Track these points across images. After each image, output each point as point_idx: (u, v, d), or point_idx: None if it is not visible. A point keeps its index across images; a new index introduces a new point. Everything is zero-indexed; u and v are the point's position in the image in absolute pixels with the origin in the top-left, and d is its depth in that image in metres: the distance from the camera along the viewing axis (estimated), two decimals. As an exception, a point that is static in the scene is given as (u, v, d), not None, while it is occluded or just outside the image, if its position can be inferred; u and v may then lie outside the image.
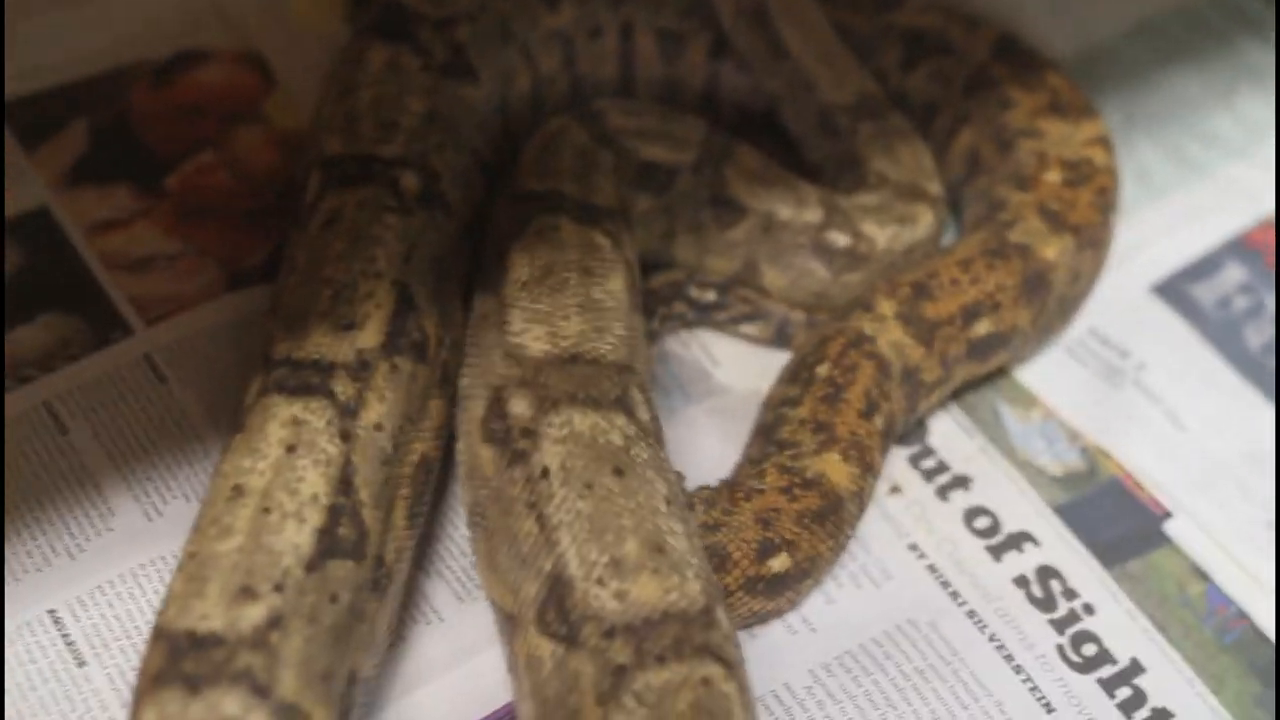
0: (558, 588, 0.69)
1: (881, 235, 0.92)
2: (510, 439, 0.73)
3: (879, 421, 0.85)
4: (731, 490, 0.81)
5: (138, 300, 0.90)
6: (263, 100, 1.02)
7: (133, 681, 0.64)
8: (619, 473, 0.71)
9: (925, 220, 0.94)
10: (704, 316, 0.94)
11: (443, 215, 0.83)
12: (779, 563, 0.79)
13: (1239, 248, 1.06)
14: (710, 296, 0.93)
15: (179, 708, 0.61)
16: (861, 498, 0.83)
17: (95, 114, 0.99)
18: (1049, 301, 0.92)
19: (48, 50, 1.01)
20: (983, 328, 0.89)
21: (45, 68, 1.00)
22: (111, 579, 0.79)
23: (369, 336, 0.74)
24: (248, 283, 0.90)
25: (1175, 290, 1.03)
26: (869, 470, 0.83)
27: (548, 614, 0.69)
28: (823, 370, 0.86)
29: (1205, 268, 1.05)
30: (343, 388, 0.72)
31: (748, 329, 0.94)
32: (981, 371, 0.92)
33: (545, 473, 0.71)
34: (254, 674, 0.62)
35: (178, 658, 0.62)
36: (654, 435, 0.75)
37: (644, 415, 0.75)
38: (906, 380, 0.87)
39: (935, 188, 0.96)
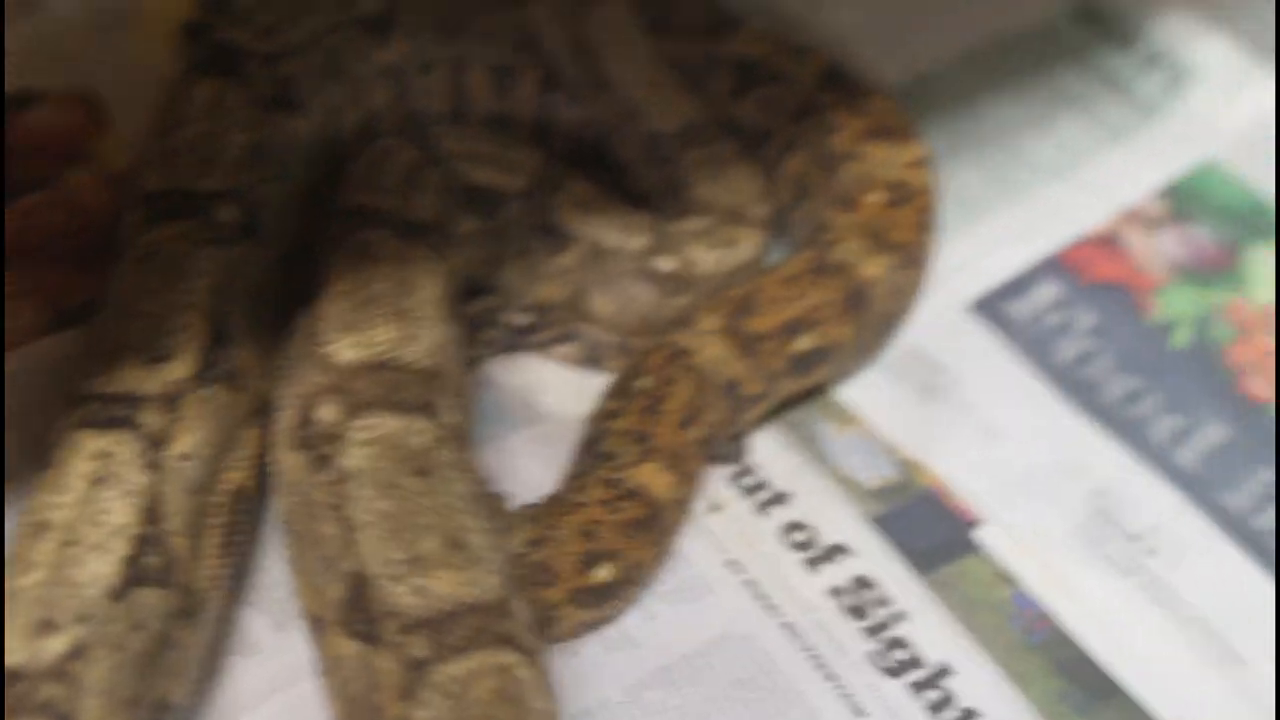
0: (359, 587, 0.70)
1: (707, 259, 0.95)
2: (316, 444, 0.75)
3: (698, 431, 0.87)
4: (553, 506, 0.83)
5: (-51, 342, 0.90)
6: (96, 140, 1.03)
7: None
8: (422, 473, 0.73)
9: (749, 243, 0.97)
10: (520, 340, 0.96)
11: (263, 246, 0.85)
12: (604, 572, 0.82)
13: (1053, 266, 1.10)
14: (525, 320, 0.95)
15: None
16: (682, 505, 0.86)
17: (-78, 155, 0.99)
18: (870, 317, 0.96)
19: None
20: (805, 343, 0.92)
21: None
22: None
23: (179, 368, 0.75)
24: (71, 323, 0.91)
25: (992, 308, 1.07)
26: (688, 479, 0.86)
27: (350, 614, 0.71)
28: (642, 383, 0.88)
29: (1020, 285, 1.09)
30: (151, 419, 0.73)
31: (561, 350, 0.97)
32: (804, 385, 0.95)
33: (348, 475, 0.73)
34: (55, 705, 0.63)
35: None
36: (460, 439, 0.77)
37: (450, 419, 0.77)
38: (728, 394, 0.90)
39: (760, 210, 0.99)
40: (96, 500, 0.70)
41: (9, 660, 0.64)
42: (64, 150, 1.02)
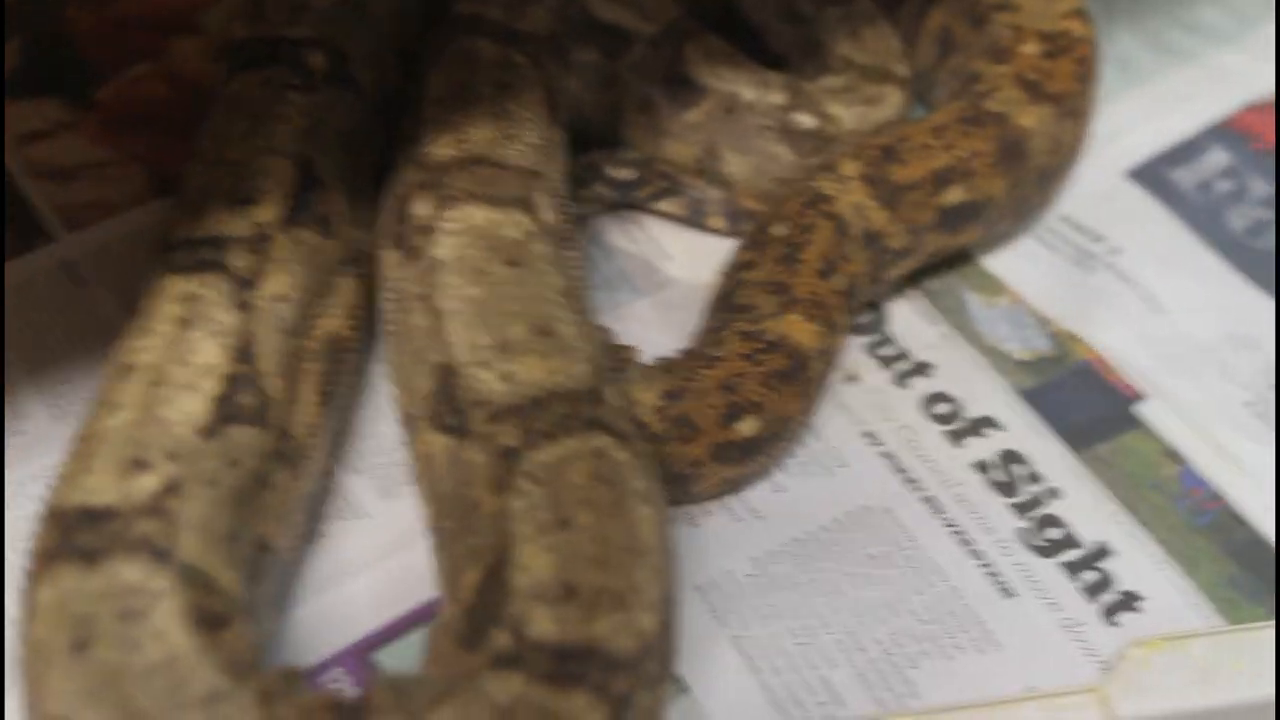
0: (447, 377, 0.67)
1: (848, 115, 0.88)
2: (410, 237, 0.72)
3: (840, 281, 0.81)
4: (690, 359, 0.78)
5: (61, 208, 0.88)
6: (203, 11, 1.00)
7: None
8: (513, 264, 0.70)
9: (893, 100, 0.90)
10: (624, 195, 0.91)
11: (353, 95, 0.81)
12: (747, 426, 0.76)
13: (1223, 131, 1.01)
14: (627, 174, 0.90)
15: (76, 581, 0.59)
16: (828, 355, 0.80)
17: (31, 29, 0.97)
18: (1027, 171, 0.88)
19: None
20: (954, 195, 0.85)
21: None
22: (23, 480, 0.76)
23: (267, 211, 0.72)
24: (176, 189, 0.88)
25: (1154, 175, 0.98)
26: (833, 330, 0.80)
27: (439, 407, 0.68)
28: (778, 230, 0.82)
29: (1186, 152, 1.00)
30: (240, 261, 0.69)
31: (665, 205, 0.91)
32: (952, 245, 0.88)
33: (438, 265, 0.70)
34: (152, 540, 0.60)
35: (70, 533, 0.60)
36: (558, 238, 0.74)
37: (548, 216, 0.74)
38: (869, 244, 0.83)
39: (902, 69, 0.92)
40: (184, 340, 0.66)
41: (97, 499, 0.61)
42: (170, 22, 0.99)
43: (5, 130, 0.91)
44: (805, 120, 0.87)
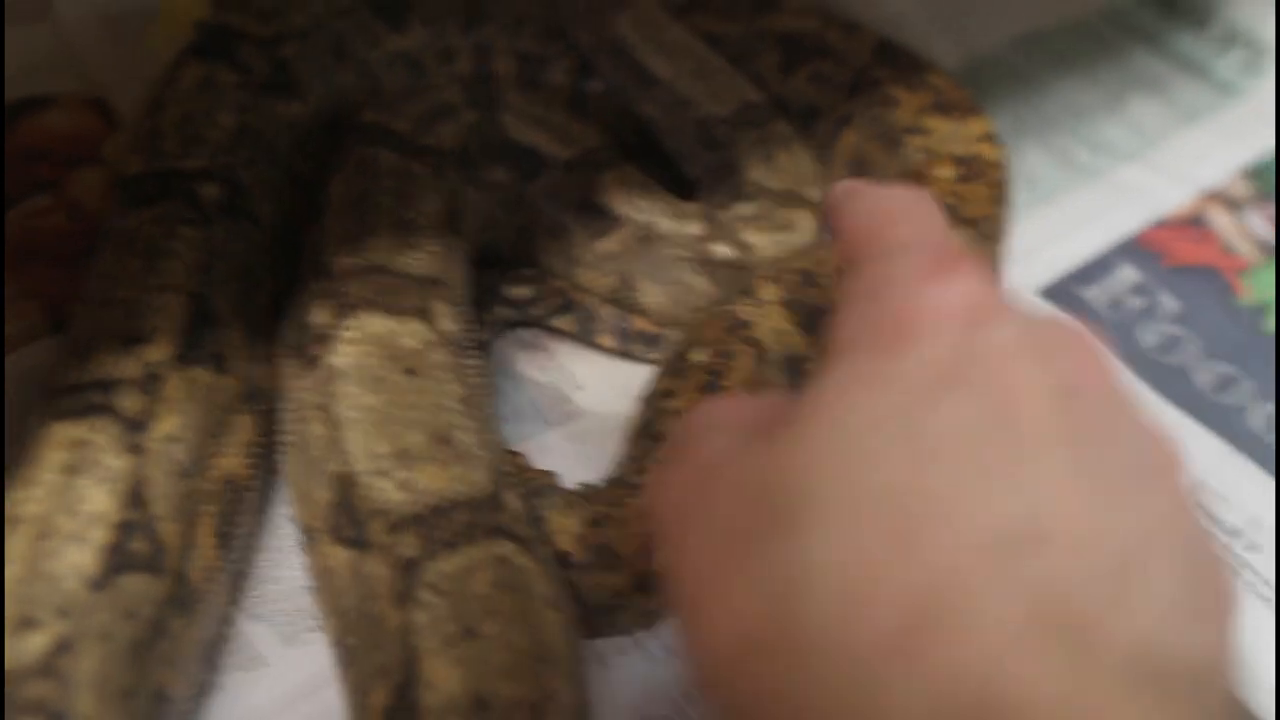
0: (345, 488, 0.66)
1: (764, 243, 0.88)
2: (308, 347, 0.72)
3: None
4: (614, 486, 0.76)
5: (-52, 345, 0.85)
6: (104, 143, 0.98)
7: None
8: (410, 372, 0.70)
9: (805, 225, 0.90)
10: (522, 313, 0.90)
11: (249, 225, 0.79)
12: None
13: (1131, 249, 1.02)
14: (524, 292, 0.89)
15: None
16: None
17: (-72, 159, 0.95)
18: None
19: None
20: None
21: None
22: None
23: (158, 350, 0.70)
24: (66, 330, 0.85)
25: (1065, 293, 0.99)
26: None
27: (339, 519, 0.67)
28: (697, 356, 0.81)
29: (1096, 270, 1.01)
30: (129, 402, 0.67)
31: (559, 322, 0.90)
32: None
33: (336, 373, 0.70)
34: (45, 703, 0.57)
35: None
36: (458, 348, 0.74)
37: (446, 325, 0.75)
38: (789, 369, 0.82)
39: (814, 193, 0.93)
40: (72, 489, 0.64)
41: None
42: (72, 153, 0.98)
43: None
44: (722, 250, 0.87)
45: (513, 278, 0.90)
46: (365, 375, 0.70)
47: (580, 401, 0.88)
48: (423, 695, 0.59)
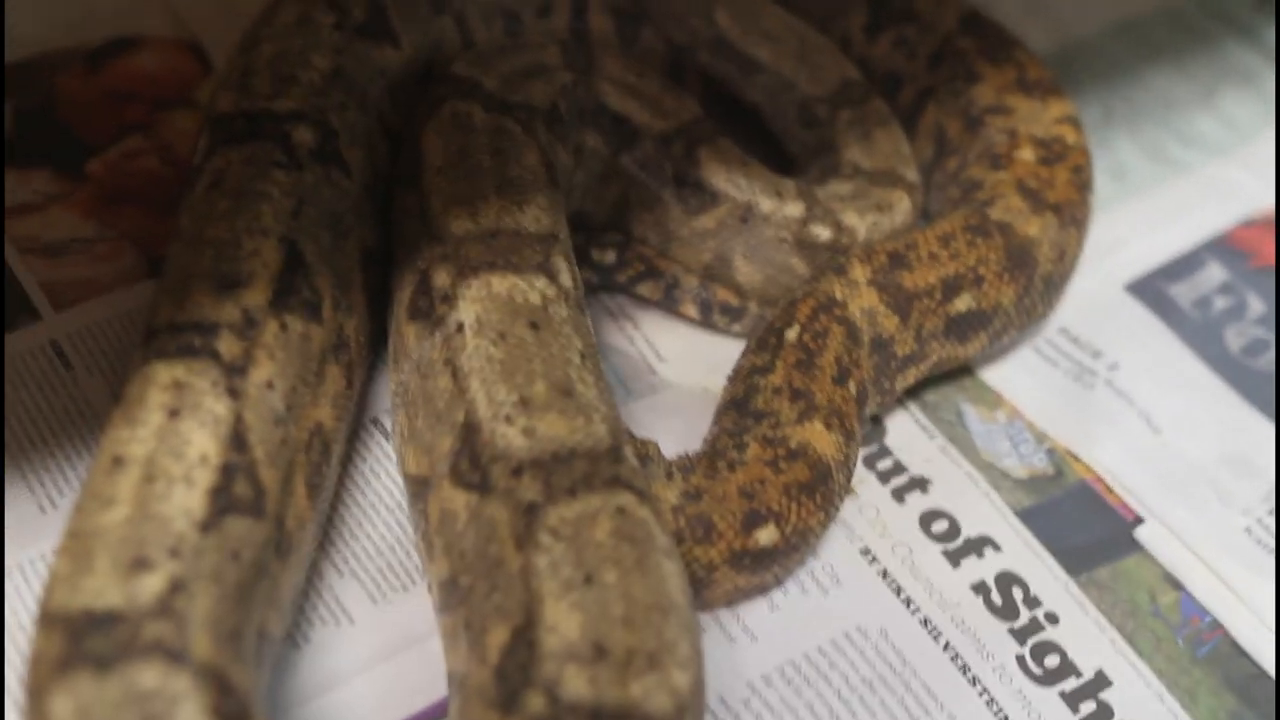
0: (469, 435, 0.68)
1: (861, 224, 0.88)
2: (432, 309, 0.73)
3: (853, 388, 0.80)
4: (712, 460, 0.76)
5: (49, 286, 0.85)
6: (198, 86, 0.98)
7: (25, 676, 0.59)
8: (534, 326, 0.72)
9: (903, 206, 0.90)
10: (606, 279, 0.90)
11: (339, 173, 0.79)
12: (766, 535, 0.74)
13: (1220, 247, 1.01)
14: (610, 258, 0.89)
15: (94, 689, 0.56)
16: (847, 466, 0.79)
17: (21, 97, 0.95)
18: (1034, 279, 0.87)
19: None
20: (964, 303, 0.84)
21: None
22: None
23: (255, 295, 0.70)
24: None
25: (1152, 289, 0.98)
26: (851, 438, 0.79)
27: (460, 464, 0.68)
28: (791, 334, 0.81)
29: (1184, 267, 1.00)
30: (228, 347, 0.68)
31: (642, 288, 0.90)
32: (960, 355, 0.87)
33: (460, 327, 0.72)
34: (165, 643, 0.58)
35: (79, 639, 0.58)
36: (576, 301, 0.76)
37: (566, 281, 0.76)
38: (877, 350, 0.82)
39: (911, 173, 0.92)
40: (176, 431, 0.64)
41: (102, 602, 0.59)
42: (163, 95, 0.98)
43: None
44: (821, 232, 0.86)
45: (598, 241, 0.89)
46: (490, 330, 0.71)
47: (663, 373, 0.88)
48: (543, 637, 0.61)
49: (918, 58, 0.98)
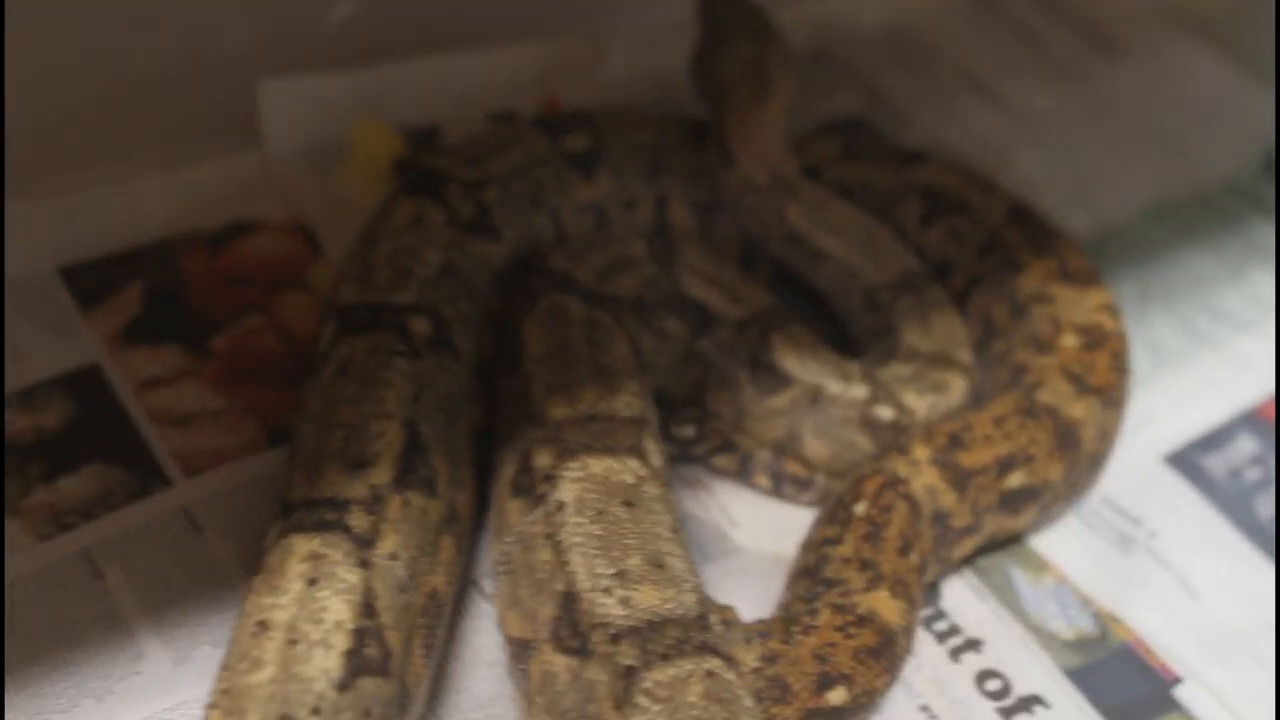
0: (569, 604, 0.75)
1: (921, 405, 0.95)
2: (533, 486, 0.81)
3: (915, 559, 0.87)
4: (785, 626, 0.83)
5: (179, 454, 0.93)
6: (308, 268, 1.08)
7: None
8: (629, 504, 0.79)
9: (958, 387, 0.97)
10: (684, 452, 0.98)
11: (452, 359, 0.88)
12: (837, 696, 0.81)
13: (1250, 420, 1.08)
14: (688, 433, 0.97)
15: None
16: (910, 632, 0.86)
17: (150, 278, 1.04)
18: (1080, 457, 0.95)
19: (110, 217, 1.06)
20: (1016, 479, 0.92)
21: (108, 232, 1.06)
22: (139, 720, 0.81)
23: (380, 474, 0.78)
24: (285, 439, 0.94)
25: (1187, 460, 1.05)
26: (914, 605, 0.86)
27: (561, 631, 0.75)
28: (860, 509, 0.88)
29: (1217, 439, 1.07)
30: (358, 521, 0.76)
31: (718, 461, 0.98)
32: (1012, 526, 0.94)
33: (561, 506, 0.79)
34: None
35: None
36: (664, 480, 0.83)
37: (655, 461, 0.83)
38: (936, 523, 0.90)
39: (965, 356, 1.00)
40: (314, 599, 0.72)
41: None
42: (279, 277, 1.07)
43: (127, 375, 0.98)
44: (884, 412, 0.94)
45: (677, 417, 0.98)
46: (588, 507, 0.78)
47: (737, 539, 0.96)
48: None
49: (967, 247, 1.07)
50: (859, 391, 0.94)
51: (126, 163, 1.09)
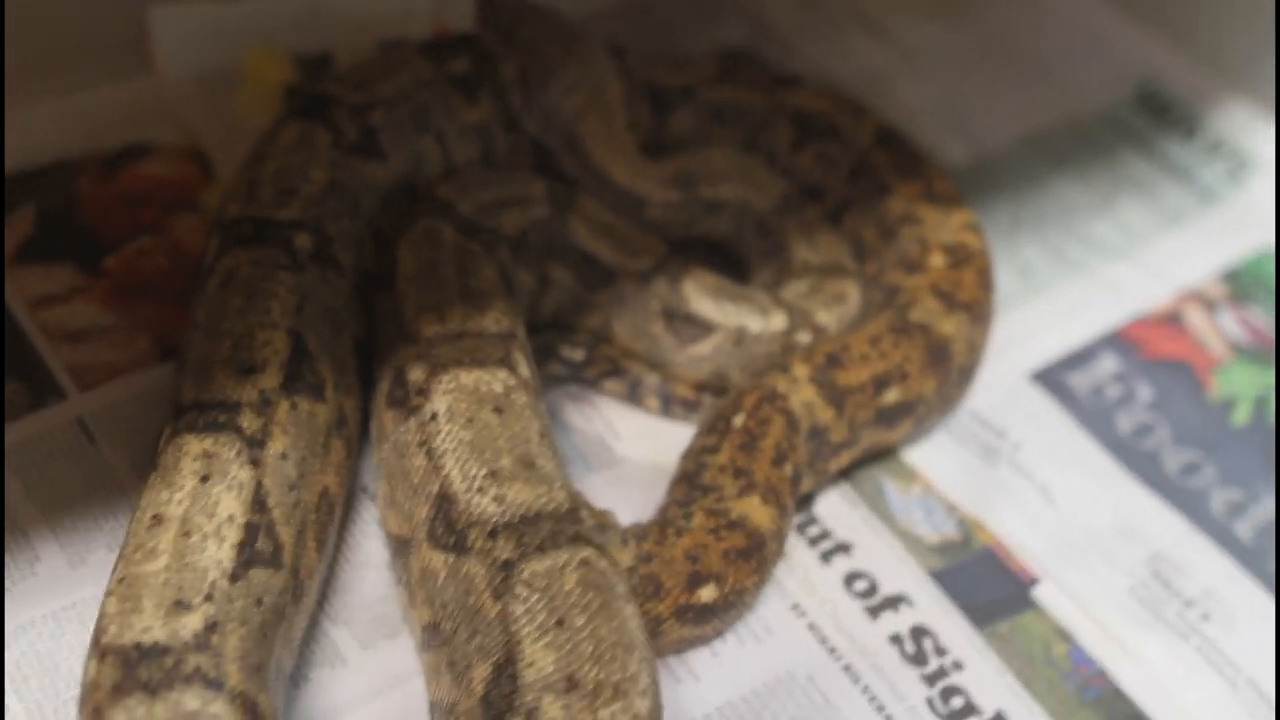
0: (444, 504, 0.79)
1: (830, 319, 1.00)
2: (408, 400, 0.84)
3: (788, 469, 0.91)
4: (661, 528, 0.87)
5: (73, 368, 0.96)
6: (201, 191, 1.09)
7: (77, 702, 0.70)
8: (498, 410, 0.83)
9: (853, 294, 1.03)
10: (574, 373, 1.01)
11: (334, 274, 0.90)
12: (708, 593, 0.85)
13: (1113, 341, 1.14)
14: (578, 355, 1.00)
15: (145, 711, 0.67)
16: (780, 536, 0.90)
17: (43, 200, 1.06)
18: (951, 371, 1.00)
19: (4, 140, 1.07)
20: (892, 396, 0.97)
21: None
22: (34, 619, 0.84)
23: (269, 379, 0.81)
24: (178, 355, 0.96)
25: (1052, 378, 1.10)
26: (785, 512, 0.90)
27: (437, 529, 0.79)
28: (738, 420, 0.92)
29: (1081, 358, 1.12)
30: (248, 422, 0.79)
31: (608, 385, 1.01)
32: (888, 439, 0.99)
33: (434, 416, 0.82)
34: (205, 672, 0.69)
35: (132, 668, 0.68)
36: (533, 389, 0.86)
37: (524, 372, 0.87)
38: (814, 438, 0.94)
39: (851, 263, 1.05)
40: (207, 494, 0.76)
41: (150, 637, 0.70)
42: (171, 199, 1.09)
43: (21, 294, 0.99)
44: (803, 337, 0.99)
45: (569, 339, 1.01)
46: (459, 415, 0.82)
47: (619, 450, 0.99)
48: (522, 672, 0.72)
49: (838, 171, 1.10)
50: (779, 323, 0.98)
51: (21, 87, 1.10)
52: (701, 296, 0.98)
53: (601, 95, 1.03)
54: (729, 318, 0.98)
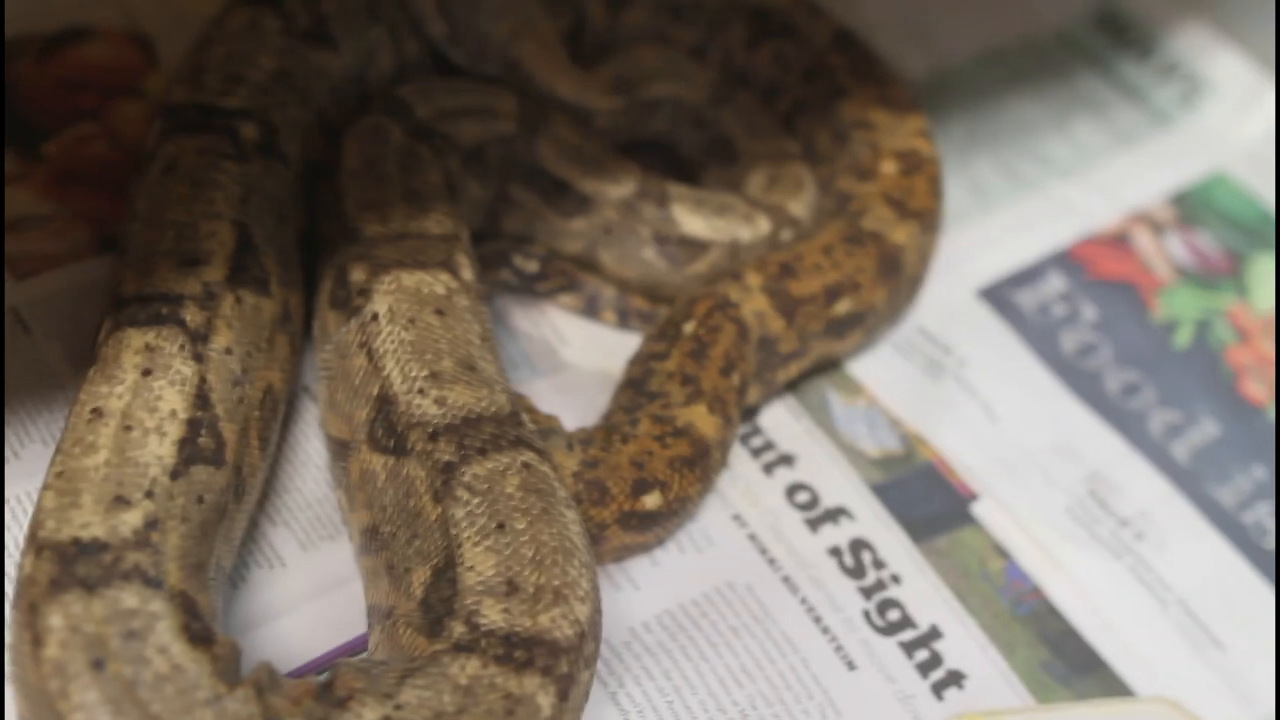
0: (384, 406, 0.78)
1: (800, 208, 1.01)
2: (349, 300, 0.83)
3: (736, 379, 0.91)
4: (607, 434, 0.87)
5: (9, 257, 0.93)
6: (145, 77, 1.06)
7: (11, 598, 0.69)
8: (440, 313, 0.82)
9: (808, 177, 1.03)
10: (527, 285, 1.00)
11: (280, 165, 0.89)
12: (652, 500, 0.86)
13: (1061, 260, 1.14)
14: (533, 267, 0.99)
15: (82, 608, 0.66)
16: (725, 446, 0.90)
17: (-21, 81, 1.03)
18: (902, 281, 0.99)
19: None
20: (843, 307, 0.96)
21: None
22: (-35, 511, 0.83)
23: (214, 271, 0.80)
24: (116, 245, 0.94)
25: (999, 295, 1.11)
26: (730, 422, 0.90)
27: (377, 431, 0.78)
28: (689, 328, 0.92)
29: (1029, 276, 1.12)
30: (192, 316, 0.77)
31: (564, 299, 1.00)
32: (838, 350, 0.99)
33: (375, 317, 0.81)
34: (144, 570, 0.68)
35: (70, 564, 0.67)
36: (475, 292, 0.85)
37: (467, 275, 0.86)
38: (763, 347, 0.94)
39: (793, 145, 1.05)
40: (149, 389, 0.74)
41: (88, 533, 0.68)
42: (114, 84, 1.06)
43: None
44: (786, 235, 0.99)
45: (523, 251, 0.99)
46: (400, 316, 0.81)
47: (566, 355, 0.99)
48: (462, 576, 0.72)
49: (793, 71, 1.09)
50: (764, 226, 0.98)
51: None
52: (691, 217, 0.97)
53: (529, 13, 1.01)
54: (721, 233, 0.98)
